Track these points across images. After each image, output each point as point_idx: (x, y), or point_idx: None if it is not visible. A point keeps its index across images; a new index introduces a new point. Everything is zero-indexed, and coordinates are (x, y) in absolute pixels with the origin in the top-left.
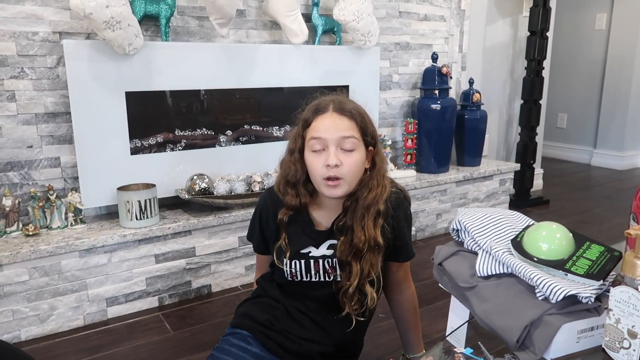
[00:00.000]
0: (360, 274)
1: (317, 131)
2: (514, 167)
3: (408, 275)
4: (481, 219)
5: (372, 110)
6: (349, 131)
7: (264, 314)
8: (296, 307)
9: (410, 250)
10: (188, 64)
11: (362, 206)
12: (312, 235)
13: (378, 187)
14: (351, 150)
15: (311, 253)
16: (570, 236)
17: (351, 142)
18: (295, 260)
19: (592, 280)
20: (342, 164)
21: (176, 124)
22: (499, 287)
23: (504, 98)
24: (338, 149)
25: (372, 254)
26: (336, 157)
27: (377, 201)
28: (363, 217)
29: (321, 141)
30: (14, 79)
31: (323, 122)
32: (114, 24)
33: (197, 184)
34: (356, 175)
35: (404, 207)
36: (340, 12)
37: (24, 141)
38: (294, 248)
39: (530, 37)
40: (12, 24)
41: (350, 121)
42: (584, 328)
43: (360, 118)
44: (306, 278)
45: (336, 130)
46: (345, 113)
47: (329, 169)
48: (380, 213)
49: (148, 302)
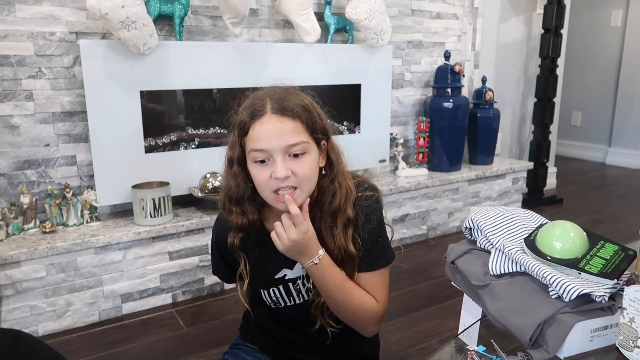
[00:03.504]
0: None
1: (257, 141)
2: (526, 166)
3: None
4: (494, 218)
5: (383, 107)
6: (295, 136)
7: (270, 340)
8: (295, 332)
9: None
10: (201, 63)
11: (328, 214)
12: (281, 256)
13: (341, 189)
14: (302, 155)
15: (287, 276)
16: (584, 235)
17: (299, 147)
18: (273, 288)
19: (605, 279)
20: (294, 173)
21: (189, 123)
22: (512, 286)
23: (518, 96)
24: (285, 156)
25: (345, 265)
26: (285, 169)
27: (345, 207)
28: (332, 226)
29: (264, 152)
30: (32, 78)
31: (263, 129)
32: (130, 23)
33: (210, 182)
34: (312, 179)
35: (377, 213)
36: (352, 10)
37: (41, 140)
38: (267, 275)
39: (545, 34)
40: (30, 25)
41: (294, 122)
42: (598, 327)
43: (305, 114)
44: (290, 302)
45: (279, 137)
46: (287, 113)
47: (280, 180)
48: (350, 220)
49: (162, 299)
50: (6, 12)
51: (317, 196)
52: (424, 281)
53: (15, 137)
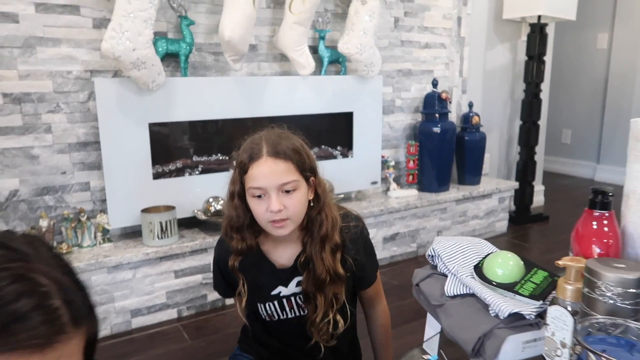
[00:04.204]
0: (324, 304)
1: (255, 180)
2: (512, 186)
3: (378, 293)
4: (451, 247)
5: (375, 133)
6: (287, 176)
7: (264, 351)
8: (287, 345)
9: (372, 277)
10: (205, 96)
11: (317, 241)
12: (276, 275)
13: (327, 220)
14: (292, 191)
15: (282, 293)
16: (521, 263)
17: (292, 184)
18: (269, 303)
19: (534, 300)
20: (286, 207)
21: (194, 151)
22: (462, 305)
23: (505, 118)
24: (279, 192)
25: (334, 284)
26: (278, 203)
27: (332, 235)
28: (321, 251)
29: (261, 189)
30: (51, 113)
31: (259, 170)
32: (140, 64)
33: (213, 206)
34: (301, 212)
35: (364, 238)
36: (344, 45)
37: (58, 168)
38: (262, 292)
39: (528, 61)
40: (50, 65)
41: (286, 163)
42: (528, 339)
43: (296, 156)
44: (283, 316)
45: (274, 177)
46: (280, 156)
47: (275, 213)
48: (338, 246)
49: (168, 314)
50: (28, 54)
51: (307, 225)
52: (412, 297)
53: (35, 166)
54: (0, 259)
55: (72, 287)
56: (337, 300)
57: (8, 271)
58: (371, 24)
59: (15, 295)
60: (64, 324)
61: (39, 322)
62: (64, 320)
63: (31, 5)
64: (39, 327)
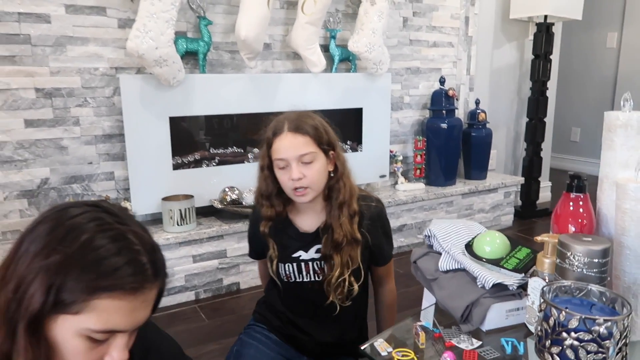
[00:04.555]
0: (340, 264)
1: (279, 152)
2: (518, 181)
3: (389, 274)
4: (445, 228)
5: (383, 128)
6: (305, 147)
7: (276, 320)
8: (298, 315)
9: (388, 256)
10: (221, 92)
11: (335, 207)
12: (298, 238)
13: (345, 188)
14: (311, 162)
15: (301, 257)
16: (507, 242)
17: (309, 156)
18: (288, 264)
19: (517, 273)
20: (305, 176)
21: (211, 143)
22: (453, 279)
23: (511, 116)
24: (299, 163)
25: (351, 247)
26: (298, 172)
27: (350, 202)
28: (339, 216)
29: (283, 160)
30: (79, 107)
31: (282, 144)
32: (162, 62)
33: (229, 195)
34: (320, 181)
35: (382, 219)
36: (354, 44)
37: (85, 158)
38: (286, 252)
39: (535, 59)
40: (78, 62)
41: (304, 137)
42: (511, 308)
43: (313, 131)
44: (299, 279)
45: (293, 149)
46: (299, 131)
47: (295, 182)
48: (355, 212)
49: (186, 296)
50: (59, 52)
51: (328, 194)
52: (416, 284)
53: (64, 156)
54: (106, 220)
55: (153, 248)
56: (352, 261)
57: (113, 231)
58: (380, 24)
59: (117, 250)
60: (149, 276)
61: (132, 272)
62: (149, 273)
63: (62, 6)
64: (133, 275)
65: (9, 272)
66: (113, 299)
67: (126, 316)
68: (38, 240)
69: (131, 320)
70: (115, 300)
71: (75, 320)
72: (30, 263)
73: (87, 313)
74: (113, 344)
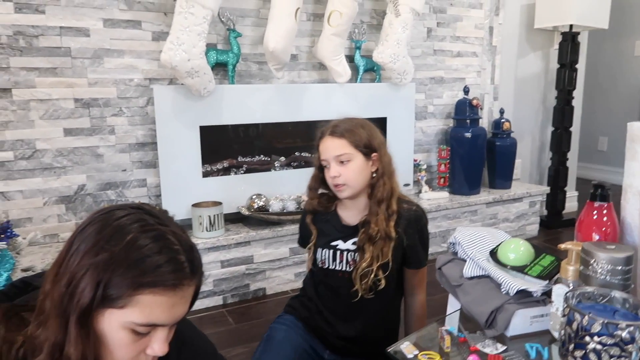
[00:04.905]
0: (371, 256)
1: (321, 154)
2: (543, 190)
3: (420, 284)
4: (470, 236)
5: (407, 137)
6: (341, 149)
7: (305, 311)
8: (325, 304)
9: (421, 260)
10: (249, 102)
11: (375, 204)
12: (339, 229)
13: (384, 187)
14: (348, 162)
15: (338, 246)
16: (531, 249)
17: (345, 156)
18: (325, 249)
19: (541, 280)
20: (341, 174)
21: (239, 152)
22: (477, 285)
23: (537, 125)
24: (337, 163)
25: (384, 242)
26: (335, 170)
27: (388, 200)
28: (377, 213)
29: (325, 161)
30: (114, 116)
31: (323, 145)
32: (193, 73)
33: (256, 202)
34: (357, 179)
35: (422, 224)
36: (379, 54)
37: (119, 166)
38: (325, 239)
39: (560, 69)
40: (114, 73)
41: (340, 140)
42: (536, 314)
43: (350, 135)
44: (332, 266)
45: (331, 150)
46: (336, 135)
47: (334, 179)
48: (393, 212)
49: (214, 300)
50: (97, 64)
51: (371, 192)
52: (440, 293)
53: (99, 163)
54: (148, 222)
55: (191, 247)
56: (382, 255)
57: (154, 232)
58: (404, 35)
59: (158, 249)
60: (187, 273)
61: (172, 270)
62: (187, 271)
63: (100, 21)
64: (172, 272)
65: (62, 268)
66: (155, 295)
67: (166, 311)
68: (88, 239)
69: (171, 315)
70: (156, 295)
71: (120, 314)
72: (81, 260)
73: (131, 307)
74: (154, 337)
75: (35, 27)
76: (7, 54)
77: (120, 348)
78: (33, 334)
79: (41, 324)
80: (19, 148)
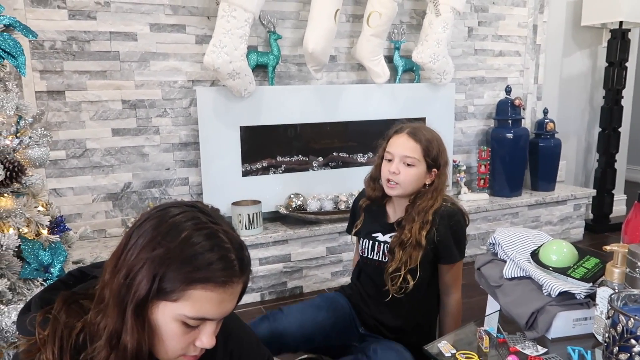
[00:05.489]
0: (400, 260)
1: (391, 146)
2: (589, 193)
3: (455, 282)
4: (511, 236)
5: (446, 138)
6: (412, 152)
7: (349, 289)
8: (364, 288)
9: (452, 256)
10: (288, 103)
11: (415, 212)
12: (381, 223)
13: (430, 199)
14: (410, 165)
15: (378, 237)
16: (574, 251)
17: (411, 160)
18: (367, 239)
19: (584, 282)
20: (400, 173)
21: (277, 152)
22: (518, 286)
23: (583, 125)
24: (401, 162)
25: (413, 249)
26: (397, 168)
27: (427, 211)
28: (413, 221)
29: (391, 154)
30: (159, 117)
31: (396, 141)
32: (235, 75)
33: (294, 202)
34: (411, 184)
35: (454, 220)
36: (418, 55)
37: (163, 165)
38: (368, 229)
39: (608, 67)
40: (160, 76)
41: (415, 144)
42: (579, 317)
43: (426, 144)
44: (370, 255)
45: (402, 148)
46: (415, 137)
47: (391, 174)
48: (428, 222)
49: (252, 297)
50: (143, 67)
51: (414, 199)
52: (479, 295)
53: (145, 162)
54: (202, 220)
55: (241, 246)
56: (411, 260)
57: (207, 230)
58: (444, 35)
59: (210, 247)
60: (237, 271)
61: (223, 267)
62: (237, 269)
63: (147, 25)
64: (223, 270)
65: (120, 261)
66: (206, 290)
67: (216, 306)
68: (145, 234)
69: (220, 310)
70: (207, 291)
71: (173, 306)
72: (138, 254)
73: (183, 301)
74: (203, 330)
75: (87, 33)
76: (61, 59)
77: (172, 339)
78: (93, 320)
79: (100, 312)
80: (71, 147)
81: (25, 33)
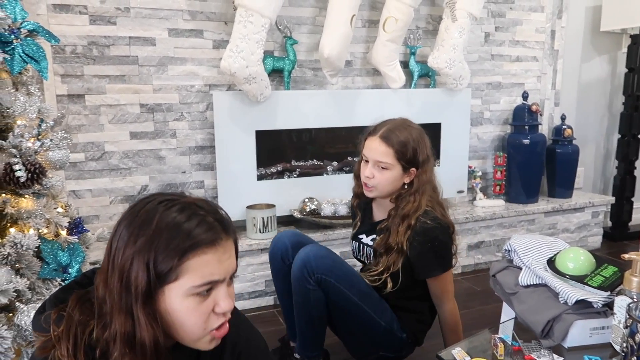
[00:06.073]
0: (384, 266)
1: (365, 149)
2: (607, 200)
3: (444, 294)
4: (527, 243)
5: (462, 143)
6: (384, 157)
7: None
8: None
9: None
10: (304, 107)
11: (399, 215)
12: (366, 223)
13: (413, 202)
14: (385, 169)
15: (362, 239)
16: (591, 259)
17: (384, 164)
18: (354, 241)
19: (602, 291)
20: (375, 177)
21: (292, 156)
22: (534, 293)
23: (601, 132)
24: (375, 165)
25: (398, 254)
26: (370, 172)
27: (410, 215)
28: (399, 225)
29: (365, 157)
30: (176, 121)
31: (370, 144)
32: (251, 79)
33: (308, 206)
34: (386, 187)
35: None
36: (434, 60)
37: (180, 168)
38: (356, 230)
39: (628, 73)
40: (177, 80)
41: (388, 148)
42: (596, 326)
43: (399, 147)
44: (358, 256)
45: (375, 153)
46: (387, 142)
47: (366, 178)
48: (410, 226)
49: (266, 300)
50: (161, 72)
51: (396, 202)
52: (494, 302)
53: (161, 165)
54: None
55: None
56: (393, 265)
57: (179, 204)
58: (461, 40)
59: (186, 217)
60: (220, 230)
61: (205, 230)
62: (219, 228)
63: (165, 30)
64: (206, 232)
65: (109, 271)
66: (199, 256)
67: (216, 266)
68: (123, 235)
69: (222, 269)
70: (201, 256)
71: (178, 285)
72: (124, 254)
73: (184, 275)
74: (217, 296)
75: (107, 38)
76: (81, 63)
77: (190, 316)
78: (99, 337)
79: (105, 326)
80: (90, 150)
81: (48, 38)
